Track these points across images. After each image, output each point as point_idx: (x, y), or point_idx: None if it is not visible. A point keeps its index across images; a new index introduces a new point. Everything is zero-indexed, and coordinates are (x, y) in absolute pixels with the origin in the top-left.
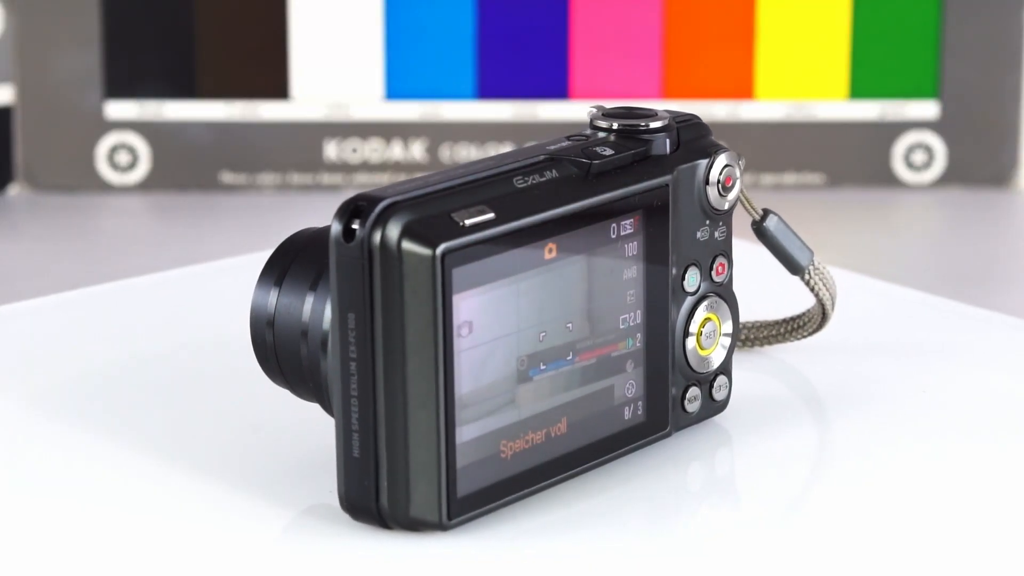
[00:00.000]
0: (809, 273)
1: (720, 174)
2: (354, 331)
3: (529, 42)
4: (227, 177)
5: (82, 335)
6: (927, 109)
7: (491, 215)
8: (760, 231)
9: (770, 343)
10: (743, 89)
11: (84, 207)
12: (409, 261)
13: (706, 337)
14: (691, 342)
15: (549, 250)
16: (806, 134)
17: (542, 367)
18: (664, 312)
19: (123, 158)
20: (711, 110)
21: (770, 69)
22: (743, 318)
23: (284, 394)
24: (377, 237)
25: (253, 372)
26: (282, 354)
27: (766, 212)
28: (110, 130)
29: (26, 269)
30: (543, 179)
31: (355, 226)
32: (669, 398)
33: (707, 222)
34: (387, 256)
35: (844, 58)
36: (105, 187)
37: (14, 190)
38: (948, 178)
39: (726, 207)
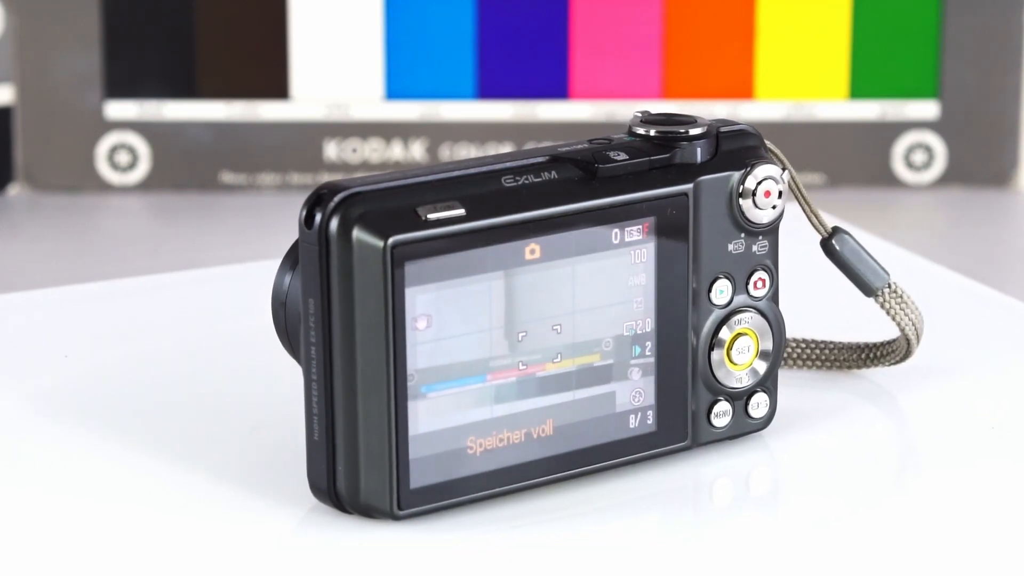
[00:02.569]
0: (883, 296)
1: (757, 187)
2: (313, 316)
3: (529, 42)
4: (227, 177)
5: (83, 332)
6: (927, 109)
7: (461, 211)
8: (828, 249)
9: (851, 368)
10: (743, 89)
11: (84, 207)
12: (360, 251)
13: (738, 352)
14: (718, 355)
15: (531, 251)
16: (806, 134)
17: (521, 366)
18: (681, 322)
19: (123, 158)
20: (711, 110)
21: (770, 69)
22: (826, 337)
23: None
24: (333, 225)
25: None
26: (291, 333)
27: (835, 230)
28: (110, 130)
29: (26, 269)
30: (538, 180)
31: (317, 213)
32: (687, 410)
33: (742, 235)
34: (340, 244)
35: (844, 58)
36: (105, 187)
37: (14, 190)
38: (948, 178)
39: (765, 221)
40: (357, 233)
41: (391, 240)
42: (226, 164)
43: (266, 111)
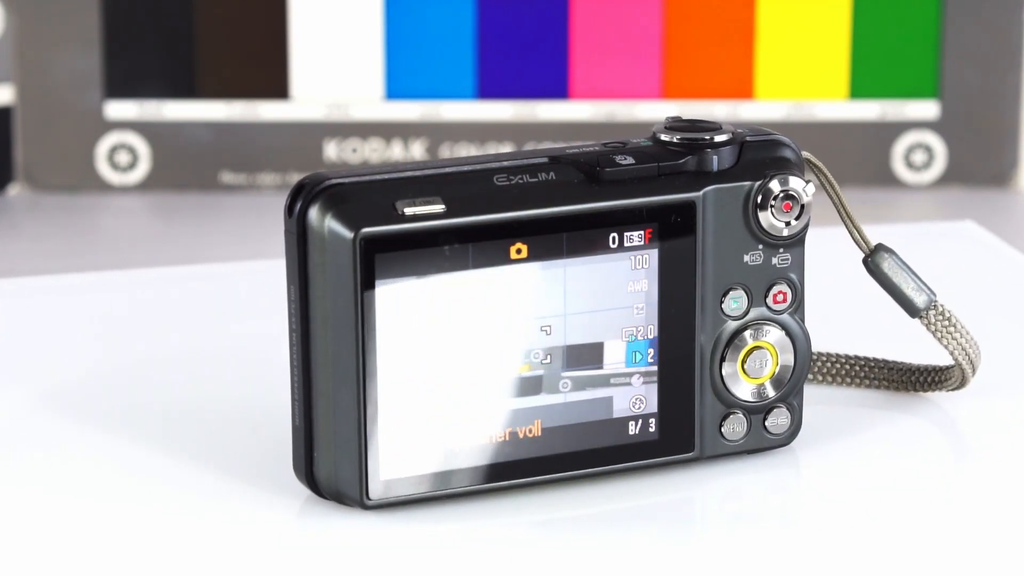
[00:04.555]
0: (928, 318)
1: (776, 199)
2: (294, 303)
3: (529, 42)
4: (227, 177)
5: (82, 325)
6: (927, 109)
7: (441, 207)
8: (869, 267)
9: (905, 390)
10: (743, 89)
11: (84, 207)
12: (332, 241)
13: (754, 365)
14: (730, 367)
15: (517, 250)
16: (806, 134)
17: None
18: (688, 331)
19: (123, 158)
20: (711, 110)
21: (770, 69)
22: (881, 355)
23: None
24: (309, 214)
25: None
26: None
27: (878, 247)
28: (110, 130)
29: (26, 269)
30: (533, 180)
31: (297, 202)
32: (695, 420)
33: (760, 246)
34: (315, 234)
35: (844, 58)
36: (105, 187)
37: (14, 190)
38: (948, 178)
39: (785, 234)
40: (330, 223)
41: (361, 232)
42: (226, 164)
43: (266, 111)
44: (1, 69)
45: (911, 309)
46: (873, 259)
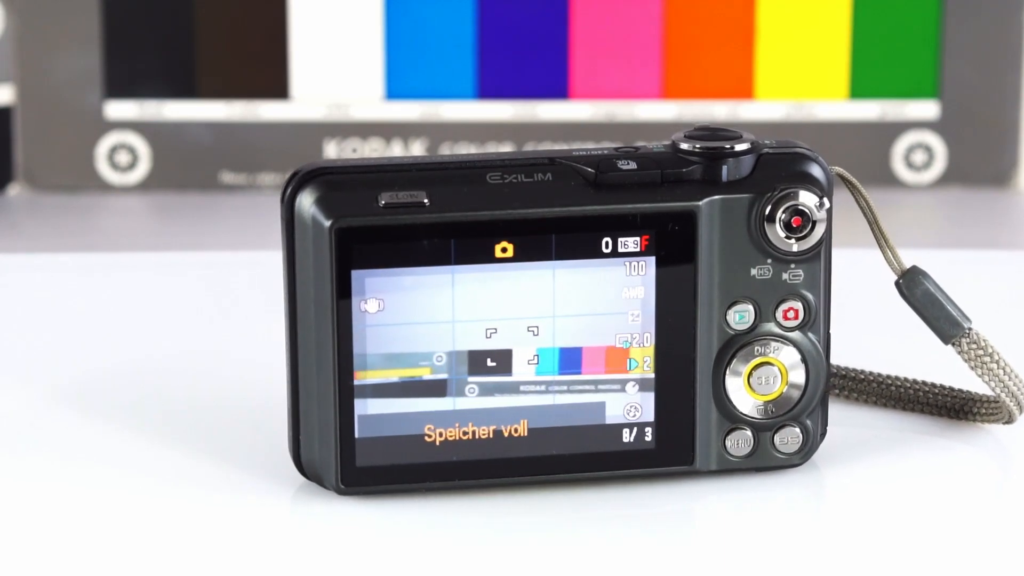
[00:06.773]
0: (961, 346)
1: (785, 214)
2: (286, 289)
3: (529, 42)
4: (227, 177)
5: (86, 320)
6: (927, 109)
7: (424, 201)
8: (900, 289)
9: (944, 416)
10: (743, 89)
11: (84, 207)
12: (314, 229)
13: (760, 381)
14: (735, 382)
15: (502, 249)
16: (806, 134)
17: (489, 363)
18: (687, 342)
19: (123, 158)
20: (711, 110)
21: (770, 69)
22: (924, 377)
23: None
24: (295, 202)
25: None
26: None
27: (911, 270)
28: (110, 130)
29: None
30: (528, 180)
31: (288, 189)
32: (695, 432)
33: (769, 261)
34: (299, 222)
35: (844, 58)
36: (105, 187)
37: (14, 190)
38: (948, 178)
39: (795, 249)
40: (312, 212)
41: (338, 221)
42: (226, 164)
43: (266, 111)
44: (1, 69)
45: (942, 335)
46: (904, 281)
